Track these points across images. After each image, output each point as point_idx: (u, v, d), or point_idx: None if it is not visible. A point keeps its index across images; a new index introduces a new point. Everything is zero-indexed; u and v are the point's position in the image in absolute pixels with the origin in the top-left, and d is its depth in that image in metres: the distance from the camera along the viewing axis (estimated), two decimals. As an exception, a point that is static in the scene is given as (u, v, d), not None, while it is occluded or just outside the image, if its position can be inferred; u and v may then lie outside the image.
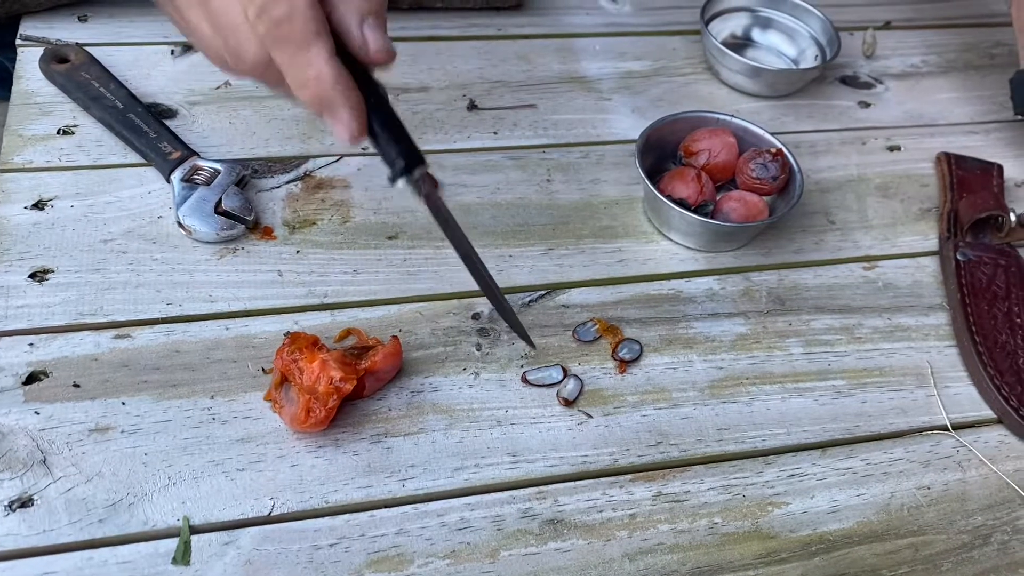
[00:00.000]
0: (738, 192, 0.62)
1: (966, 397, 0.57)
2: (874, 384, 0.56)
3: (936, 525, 0.51)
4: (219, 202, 0.57)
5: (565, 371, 0.54)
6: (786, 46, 0.77)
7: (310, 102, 0.43)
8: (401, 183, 0.44)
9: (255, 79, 0.45)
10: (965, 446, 0.54)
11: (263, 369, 0.51)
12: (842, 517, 0.50)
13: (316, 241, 0.58)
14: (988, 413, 0.56)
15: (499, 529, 0.47)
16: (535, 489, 0.49)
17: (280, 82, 0.44)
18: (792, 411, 0.54)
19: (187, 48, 0.68)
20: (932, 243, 0.65)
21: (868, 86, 0.77)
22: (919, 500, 0.52)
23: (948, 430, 0.55)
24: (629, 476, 0.50)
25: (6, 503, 0.45)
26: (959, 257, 0.62)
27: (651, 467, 0.51)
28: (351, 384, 0.48)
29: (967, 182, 0.68)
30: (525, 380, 0.53)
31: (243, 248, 0.57)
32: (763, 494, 0.51)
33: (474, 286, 0.51)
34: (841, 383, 0.56)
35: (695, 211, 0.60)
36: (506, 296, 0.57)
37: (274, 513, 0.46)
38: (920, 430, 0.55)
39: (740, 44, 0.78)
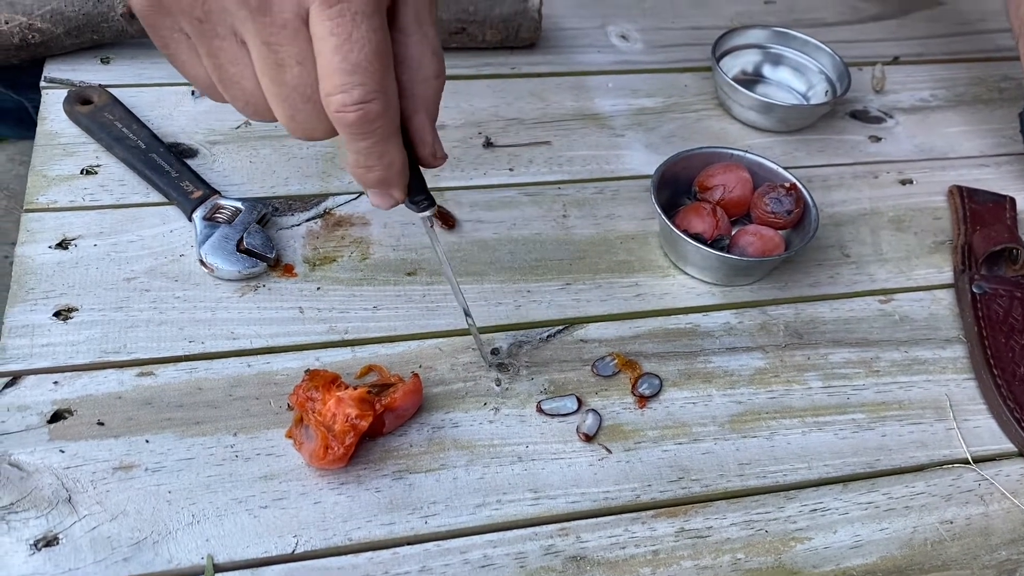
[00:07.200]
0: (754, 226, 0.63)
1: (986, 430, 0.57)
2: (893, 417, 0.56)
3: (960, 560, 0.50)
4: (241, 240, 0.58)
5: (580, 401, 0.54)
6: (796, 82, 0.78)
7: (369, 181, 0.45)
8: (425, 215, 0.49)
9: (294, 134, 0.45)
10: (987, 480, 0.54)
11: (288, 405, 0.51)
12: (865, 552, 0.50)
13: (336, 278, 0.59)
14: (1009, 446, 0.56)
15: (522, 566, 0.47)
16: (557, 526, 0.49)
17: (322, 138, 0.44)
18: (812, 445, 0.54)
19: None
20: (947, 276, 0.66)
21: (878, 120, 0.78)
22: (942, 535, 0.51)
23: (969, 463, 0.55)
24: (651, 512, 0.50)
25: (32, 542, 0.45)
26: (975, 290, 0.63)
27: (673, 503, 0.51)
28: (367, 421, 0.48)
29: (980, 215, 0.68)
30: (540, 410, 0.54)
31: (264, 286, 0.58)
32: (785, 529, 0.51)
33: (491, 322, 0.53)
34: (861, 416, 0.56)
35: (711, 245, 0.60)
36: (524, 331, 0.57)
37: (297, 551, 0.46)
38: (941, 464, 0.55)
39: (751, 80, 0.79)
